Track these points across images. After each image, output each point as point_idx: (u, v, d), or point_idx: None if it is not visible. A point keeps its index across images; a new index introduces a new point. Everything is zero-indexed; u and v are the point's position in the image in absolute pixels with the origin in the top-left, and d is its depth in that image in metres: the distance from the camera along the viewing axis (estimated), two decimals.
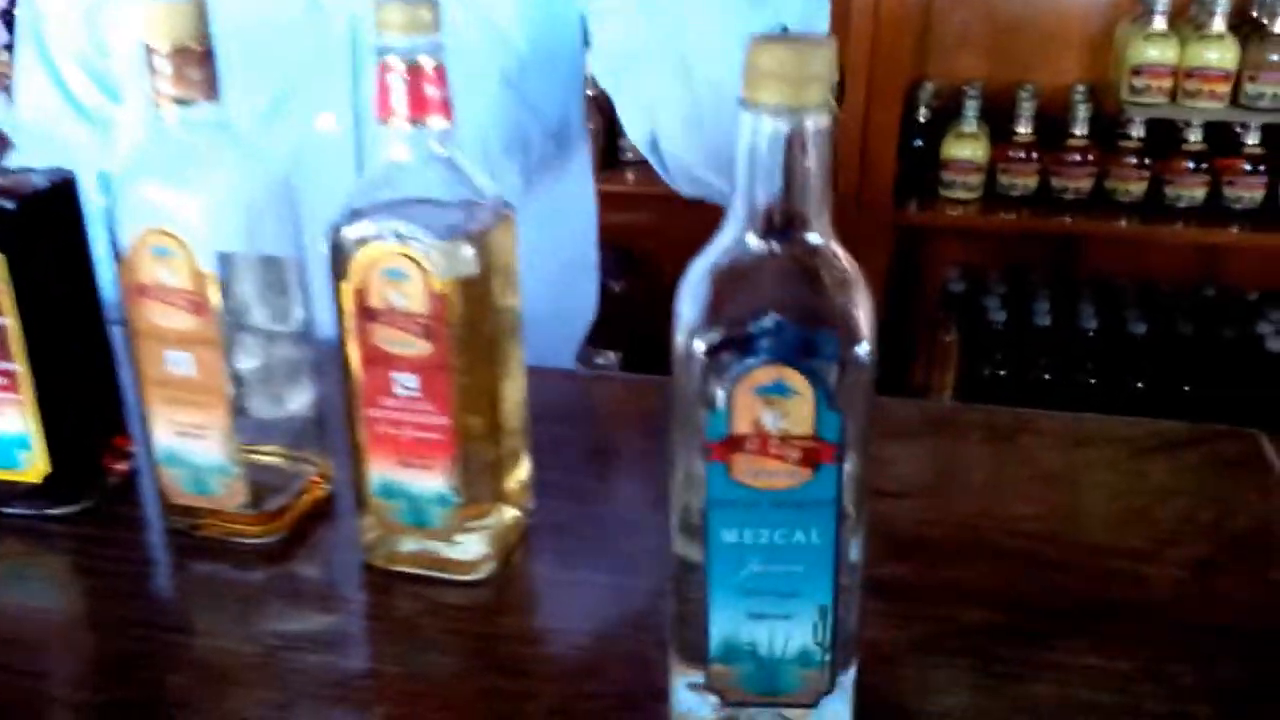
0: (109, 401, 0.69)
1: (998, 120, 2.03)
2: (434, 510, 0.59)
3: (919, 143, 2.02)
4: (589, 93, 1.14)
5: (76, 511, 0.66)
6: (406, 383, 0.56)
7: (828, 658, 0.49)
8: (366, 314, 0.55)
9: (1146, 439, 0.75)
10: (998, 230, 2.10)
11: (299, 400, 0.66)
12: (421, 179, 0.55)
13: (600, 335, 1.20)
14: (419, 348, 0.55)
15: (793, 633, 0.48)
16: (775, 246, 0.45)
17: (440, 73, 0.54)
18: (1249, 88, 1.87)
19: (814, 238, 0.45)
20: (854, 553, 0.48)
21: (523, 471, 0.66)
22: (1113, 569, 0.63)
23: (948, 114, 2.04)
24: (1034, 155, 1.97)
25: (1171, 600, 0.60)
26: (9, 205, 0.60)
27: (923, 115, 2.03)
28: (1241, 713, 0.53)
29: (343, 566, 0.64)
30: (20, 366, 0.62)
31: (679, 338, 0.45)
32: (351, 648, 0.58)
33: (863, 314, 0.45)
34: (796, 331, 0.44)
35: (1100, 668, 0.55)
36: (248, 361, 0.64)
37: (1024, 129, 1.97)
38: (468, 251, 0.55)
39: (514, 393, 0.63)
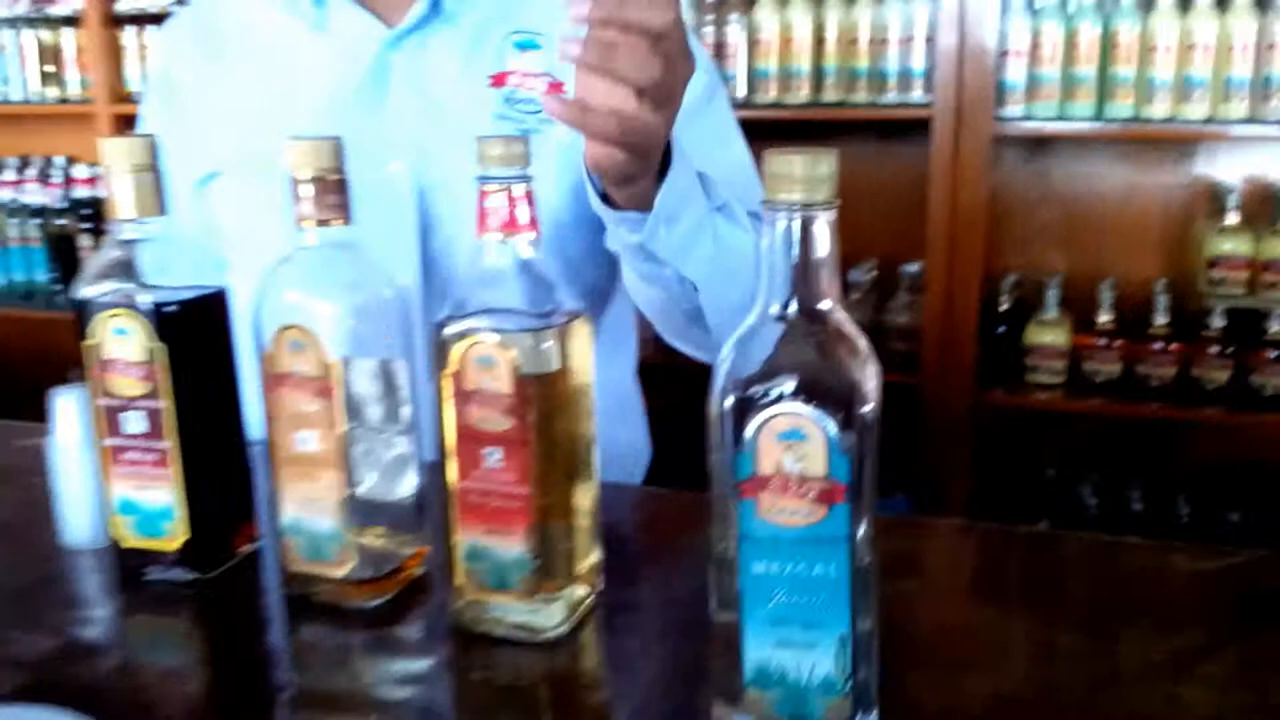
0: (242, 486, 0.80)
1: (1079, 310, 2.11)
2: (514, 573, 0.68)
3: (1002, 329, 2.10)
4: None
5: (207, 579, 0.76)
6: (492, 455, 0.66)
7: (848, 686, 0.55)
8: (462, 396, 0.66)
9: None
10: (1084, 415, 2.14)
11: (403, 488, 0.76)
12: (510, 284, 0.66)
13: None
14: (504, 424, 0.65)
15: (817, 660, 0.55)
16: (795, 322, 0.54)
17: (529, 196, 0.66)
18: None
19: (828, 313, 0.54)
20: (868, 592, 0.56)
21: (594, 557, 0.74)
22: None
23: (1029, 304, 2.13)
24: (1116, 343, 2.03)
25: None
26: (173, 307, 0.72)
27: (1004, 304, 2.12)
28: None
29: (435, 629, 0.72)
30: (171, 445, 0.74)
31: (714, 397, 0.54)
32: (434, 690, 0.66)
33: (870, 379, 0.54)
34: (812, 388, 0.53)
35: None
36: (362, 453, 0.74)
37: (1105, 317, 2.04)
38: (547, 343, 0.65)
39: (587, 490, 0.72)
